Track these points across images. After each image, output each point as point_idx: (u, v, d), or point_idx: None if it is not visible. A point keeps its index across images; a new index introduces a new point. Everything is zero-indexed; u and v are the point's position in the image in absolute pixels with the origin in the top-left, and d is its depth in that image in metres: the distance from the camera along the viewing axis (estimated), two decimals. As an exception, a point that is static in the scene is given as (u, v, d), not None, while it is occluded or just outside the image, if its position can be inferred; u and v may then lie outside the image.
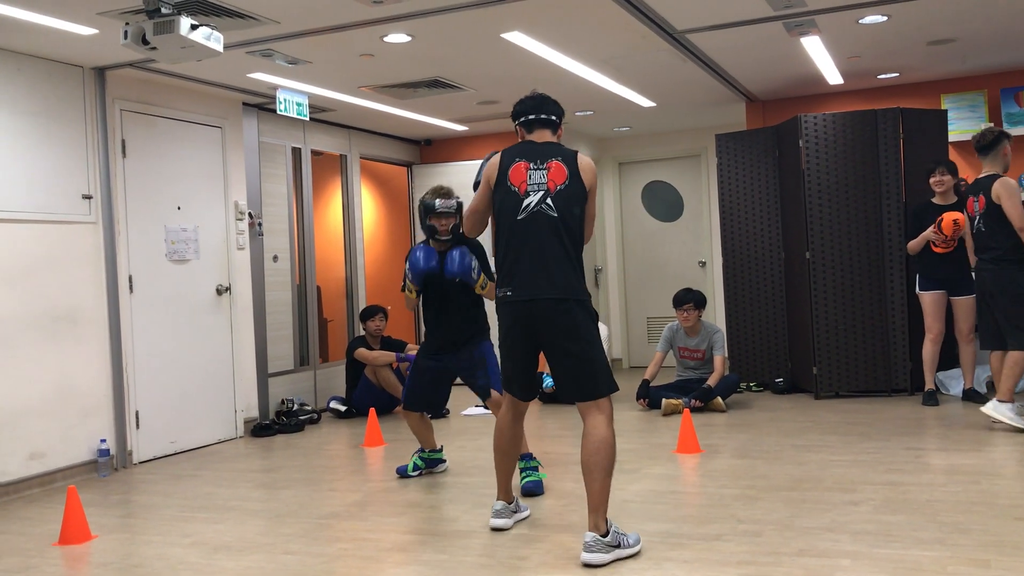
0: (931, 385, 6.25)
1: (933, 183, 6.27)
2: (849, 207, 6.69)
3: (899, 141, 6.65)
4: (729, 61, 6.34)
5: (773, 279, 7.29)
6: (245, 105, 6.77)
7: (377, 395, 7.11)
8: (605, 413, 3.44)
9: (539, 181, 3.51)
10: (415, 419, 4.86)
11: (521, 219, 3.51)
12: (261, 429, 6.59)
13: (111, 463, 5.50)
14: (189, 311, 6.17)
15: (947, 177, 6.23)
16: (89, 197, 5.50)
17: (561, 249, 3.47)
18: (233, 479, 5.18)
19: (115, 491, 5.04)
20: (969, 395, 6.24)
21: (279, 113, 6.27)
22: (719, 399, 6.51)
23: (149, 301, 5.87)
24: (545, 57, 5.78)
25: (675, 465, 4.91)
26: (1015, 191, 5.36)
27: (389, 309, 7.60)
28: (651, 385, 6.79)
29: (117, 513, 4.54)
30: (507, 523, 3.83)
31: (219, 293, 6.42)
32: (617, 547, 3.31)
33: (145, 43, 3.97)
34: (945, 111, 6.99)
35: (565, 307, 3.45)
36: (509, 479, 3.87)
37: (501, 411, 3.83)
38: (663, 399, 6.53)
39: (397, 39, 5.23)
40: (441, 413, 4.88)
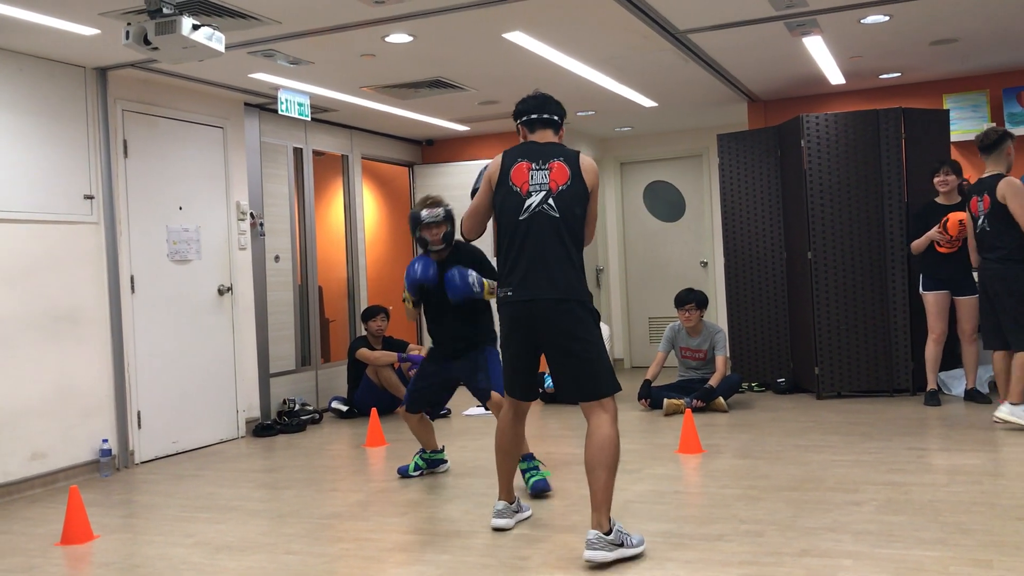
0: (933, 385, 6.25)
1: (937, 183, 6.27)
2: (851, 207, 6.69)
3: (901, 141, 6.64)
4: (731, 61, 6.34)
5: (775, 279, 7.29)
6: (247, 105, 6.77)
7: (379, 395, 7.11)
8: (609, 412, 3.44)
9: (541, 181, 3.51)
10: (415, 421, 4.86)
11: (523, 219, 3.51)
12: (263, 429, 6.59)
13: (113, 463, 5.50)
14: (191, 311, 6.18)
15: (951, 177, 6.23)
16: (91, 197, 5.50)
17: (562, 249, 3.47)
18: (235, 479, 5.19)
19: (117, 491, 5.04)
20: (971, 395, 6.24)
21: (281, 113, 6.27)
22: (721, 399, 6.51)
23: (151, 301, 5.87)
24: (546, 57, 5.78)
25: (677, 465, 4.90)
26: (1021, 190, 5.35)
27: (391, 309, 7.59)
28: (653, 385, 6.78)
29: (119, 513, 4.54)
30: (509, 523, 3.83)
31: (221, 293, 6.43)
32: (620, 546, 3.30)
33: (147, 43, 3.97)
34: (947, 111, 6.99)
35: (566, 307, 3.45)
36: (511, 479, 3.87)
37: (503, 411, 3.83)
38: (665, 399, 6.53)
39: (398, 39, 5.23)
40: (438, 413, 4.87)
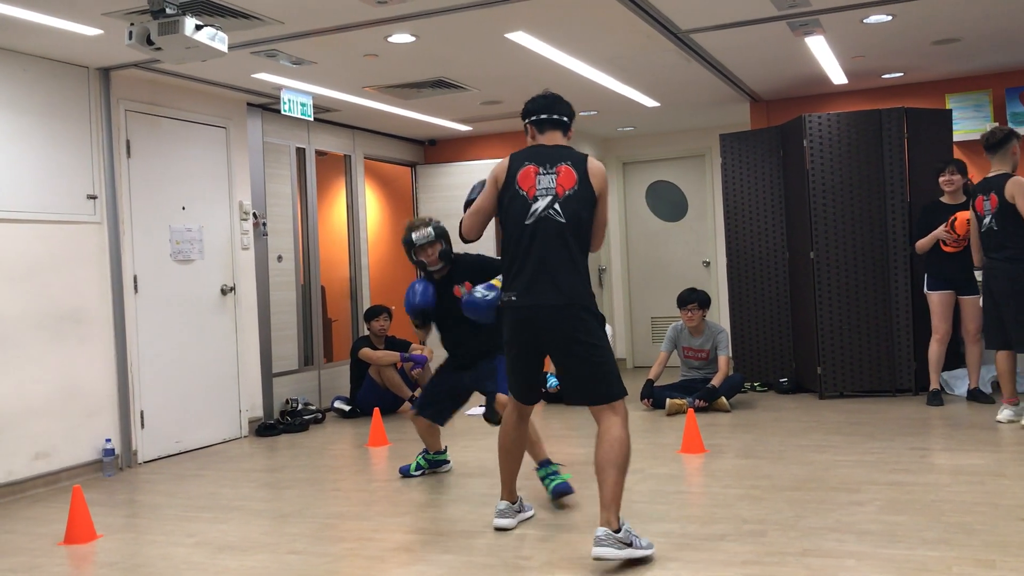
0: (936, 385, 6.24)
1: (943, 182, 6.26)
2: (853, 207, 6.68)
3: (903, 141, 6.64)
4: (733, 61, 6.34)
5: (777, 279, 7.28)
6: (249, 105, 6.78)
7: (381, 395, 7.12)
8: (619, 415, 3.43)
9: (548, 186, 3.49)
10: (424, 424, 4.83)
11: (528, 224, 3.49)
12: (265, 429, 6.60)
13: (116, 463, 5.51)
14: (194, 311, 6.18)
15: (957, 176, 6.22)
16: (94, 197, 5.51)
17: (567, 255, 3.46)
18: (237, 479, 5.19)
19: (120, 491, 5.05)
20: (974, 395, 6.23)
21: (283, 113, 6.28)
22: (723, 399, 6.50)
23: (154, 301, 5.88)
24: (549, 57, 5.77)
25: (679, 465, 4.90)
26: None
27: (393, 309, 7.60)
28: (655, 385, 6.78)
29: (122, 513, 4.55)
30: (511, 523, 3.83)
31: (223, 293, 6.43)
32: (629, 546, 3.25)
33: (150, 43, 3.97)
34: (950, 111, 6.98)
35: (570, 313, 3.44)
36: (513, 479, 3.87)
37: (506, 411, 3.83)
38: (667, 399, 6.53)
39: (401, 39, 5.24)
40: (443, 422, 4.85)
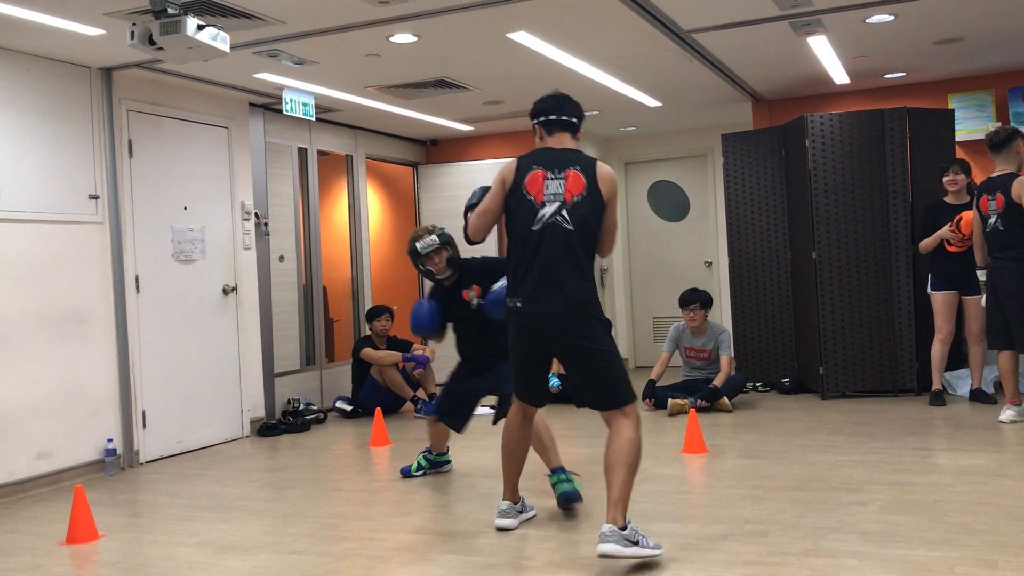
0: (938, 385, 6.23)
1: (947, 182, 6.25)
2: (856, 207, 6.68)
3: (906, 141, 6.63)
4: (735, 61, 6.33)
5: (779, 279, 7.28)
6: (251, 105, 6.78)
7: (383, 395, 7.12)
8: (631, 418, 3.41)
9: (555, 191, 3.45)
10: (441, 428, 4.78)
11: (535, 230, 3.45)
12: (267, 429, 6.60)
13: (118, 462, 5.51)
14: (195, 311, 6.18)
15: (961, 176, 6.21)
16: (96, 197, 5.51)
17: (574, 263, 3.42)
18: (239, 479, 5.19)
19: (122, 490, 5.05)
20: (976, 395, 6.22)
21: (285, 113, 6.28)
22: (725, 399, 6.50)
23: (156, 301, 5.88)
24: (551, 57, 5.77)
25: (681, 465, 4.90)
26: None
27: (395, 309, 7.60)
28: (657, 385, 6.78)
29: (124, 512, 4.55)
30: (512, 523, 3.83)
31: (225, 293, 6.43)
32: (636, 545, 3.21)
33: (152, 43, 3.98)
34: (952, 111, 6.97)
35: (575, 321, 3.41)
36: (516, 481, 3.87)
37: (510, 413, 3.81)
38: (669, 399, 6.53)
39: (403, 39, 5.24)
40: (462, 430, 4.80)
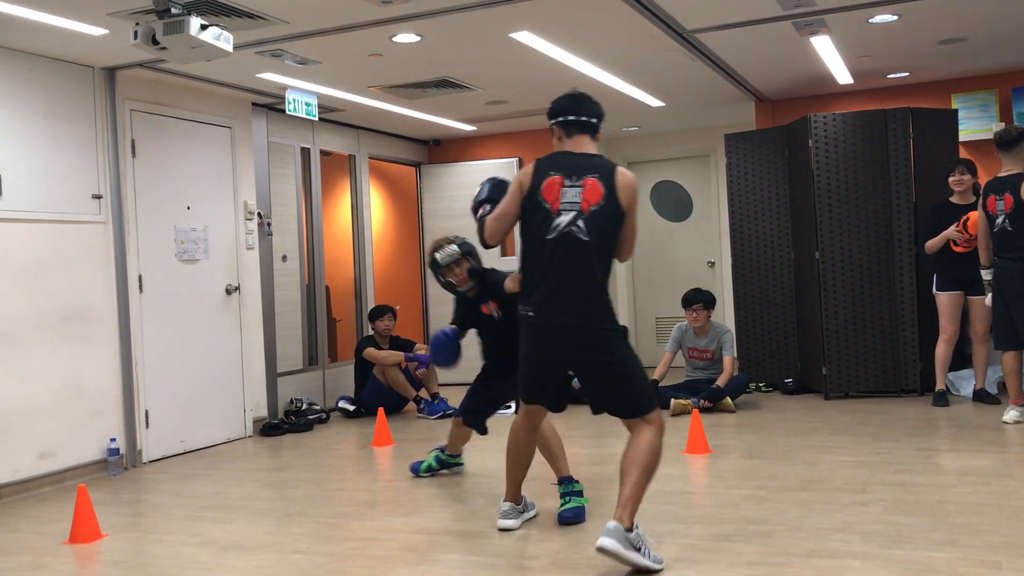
0: (942, 386, 6.22)
1: (953, 182, 6.24)
2: (859, 207, 6.67)
3: (909, 141, 6.62)
4: (738, 61, 6.33)
5: (783, 279, 7.27)
6: (254, 105, 6.78)
7: (386, 395, 7.12)
8: (654, 425, 3.36)
9: (572, 200, 3.35)
10: (466, 431, 4.75)
11: (550, 239, 3.35)
12: (270, 428, 6.60)
13: (121, 462, 5.52)
14: (198, 311, 6.19)
15: (967, 176, 6.20)
16: (99, 197, 5.52)
17: (589, 275, 3.33)
18: (242, 478, 5.19)
19: (125, 490, 5.06)
20: (980, 396, 6.22)
21: (288, 113, 6.28)
22: (728, 399, 6.49)
23: (159, 301, 5.89)
24: (554, 57, 5.77)
25: (684, 465, 4.90)
26: None
27: (398, 309, 7.60)
28: (660, 385, 6.76)
29: (127, 512, 4.55)
30: (514, 524, 3.83)
31: (228, 293, 6.44)
32: (638, 551, 3.17)
33: (155, 43, 3.98)
34: (955, 111, 6.97)
35: (587, 335, 3.34)
36: (519, 484, 3.86)
37: (516, 419, 3.75)
38: (672, 399, 6.52)
39: (406, 39, 5.24)
40: (486, 432, 4.79)
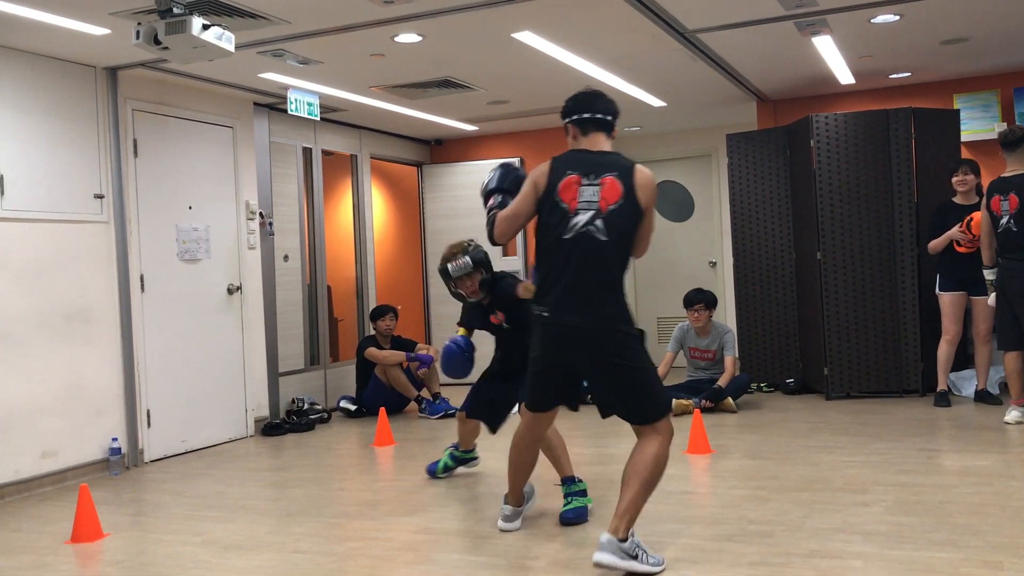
0: (944, 386, 6.22)
1: (956, 183, 6.23)
2: (861, 207, 6.67)
3: (911, 141, 6.62)
4: (740, 61, 6.33)
5: (784, 279, 7.27)
6: (256, 105, 6.78)
7: (387, 394, 7.12)
8: (661, 433, 3.29)
9: (590, 199, 3.28)
10: (473, 425, 4.71)
11: (567, 239, 3.28)
12: (271, 428, 6.61)
13: (123, 462, 5.52)
14: (200, 310, 6.19)
15: (970, 177, 6.20)
16: (101, 196, 5.52)
17: (605, 275, 3.27)
18: (244, 478, 5.20)
19: (127, 489, 5.06)
20: (981, 396, 6.21)
21: (290, 113, 6.28)
22: (730, 399, 6.49)
23: (160, 300, 5.89)
24: (555, 57, 5.77)
25: (686, 466, 4.90)
26: None
27: (399, 309, 7.60)
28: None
29: (129, 511, 4.56)
30: (516, 526, 3.84)
31: (230, 292, 6.44)
32: (635, 559, 3.15)
33: (157, 43, 3.98)
34: (957, 111, 6.96)
35: (604, 337, 3.27)
36: (521, 487, 3.85)
37: (519, 427, 3.66)
38: (673, 399, 6.50)
39: (407, 39, 5.24)
40: (497, 431, 4.72)
